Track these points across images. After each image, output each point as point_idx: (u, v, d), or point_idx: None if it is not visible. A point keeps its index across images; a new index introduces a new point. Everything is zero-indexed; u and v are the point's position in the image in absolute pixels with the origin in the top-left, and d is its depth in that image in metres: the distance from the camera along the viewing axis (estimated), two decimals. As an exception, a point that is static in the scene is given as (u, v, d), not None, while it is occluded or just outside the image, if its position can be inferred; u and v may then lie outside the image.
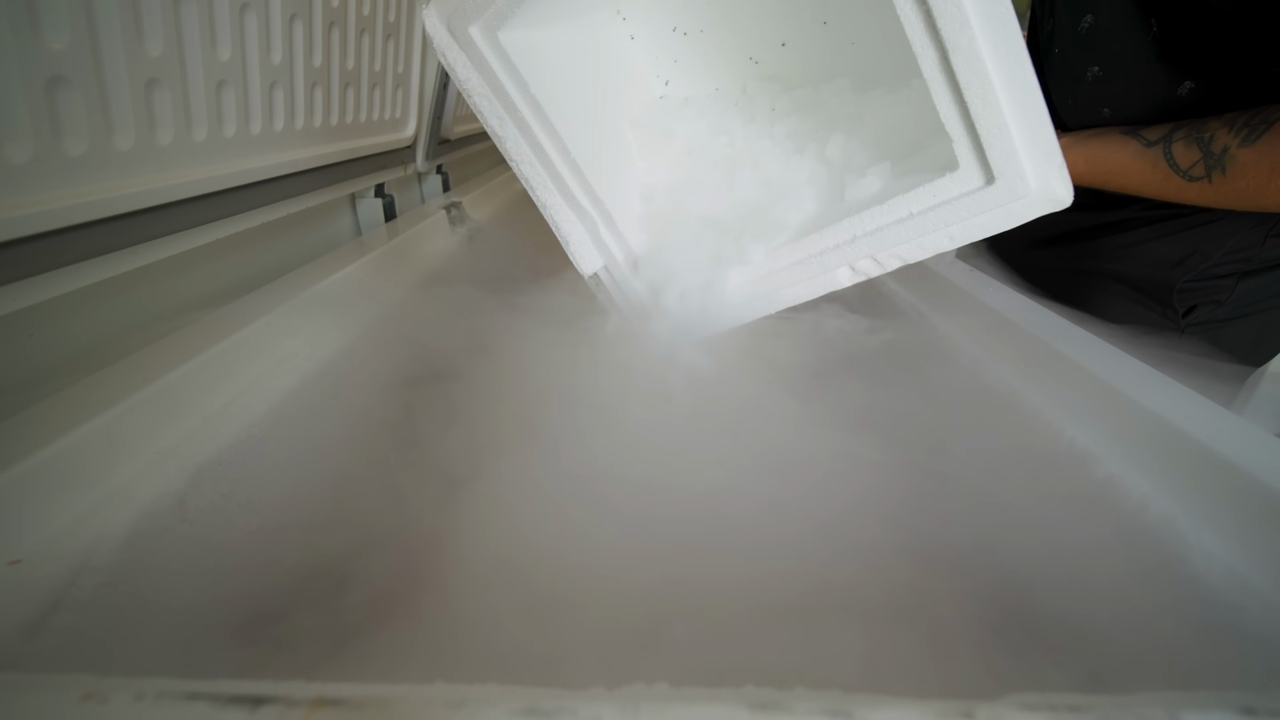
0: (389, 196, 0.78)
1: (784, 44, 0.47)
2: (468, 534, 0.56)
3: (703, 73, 0.50)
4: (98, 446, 0.30)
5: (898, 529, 0.58)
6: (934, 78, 0.33)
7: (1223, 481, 0.30)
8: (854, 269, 0.39)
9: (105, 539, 0.28)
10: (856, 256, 0.39)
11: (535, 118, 0.39)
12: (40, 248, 0.33)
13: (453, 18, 0.38)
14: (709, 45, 0.49)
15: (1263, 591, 0.26)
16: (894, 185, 0.39)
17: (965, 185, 0.35)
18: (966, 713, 0.16)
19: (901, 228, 0.37)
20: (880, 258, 0.38)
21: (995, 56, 0.32)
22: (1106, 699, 0.17)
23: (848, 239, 0.38)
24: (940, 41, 0.32)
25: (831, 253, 0.39)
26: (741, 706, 0.16)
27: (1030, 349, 0.44)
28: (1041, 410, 0.40)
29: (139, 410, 0.32)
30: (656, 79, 0.51)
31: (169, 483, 0.32)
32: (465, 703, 0.16)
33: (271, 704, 0.16)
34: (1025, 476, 0.41)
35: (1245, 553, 0.28)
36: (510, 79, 0.39)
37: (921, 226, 0.37)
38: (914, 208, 0.36)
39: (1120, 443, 0.36)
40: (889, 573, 0.53)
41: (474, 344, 0.80)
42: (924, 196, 0.36)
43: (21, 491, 0.26)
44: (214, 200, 0.46)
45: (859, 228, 0.38)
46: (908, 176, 0.38)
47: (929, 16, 0.32)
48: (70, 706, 0.16)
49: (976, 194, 0.35)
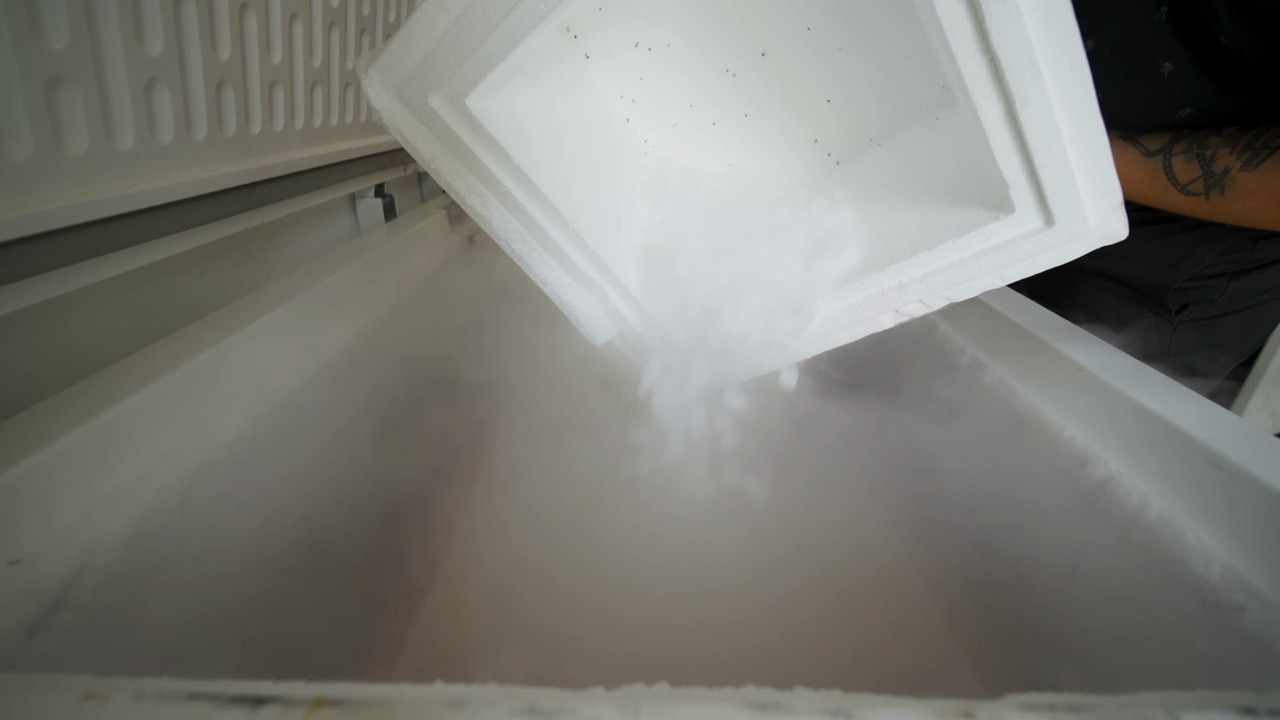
0: (389, 196, 0.78)
1: (763, 54, 0.42)
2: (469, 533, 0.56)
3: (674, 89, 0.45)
4: (98, 446, 0.30)
5: (898, 529, 0.58)
6: (995, 129, 0.31)
7: (1223, 481, 0.30)
8: (899, 312, 0.37)
9: (105, 539, 0.28)
10: (904, 302, 0.36)
11: (523, 191, 0.34)
12: (40, 248, 0.33)
13: (404, 87, 0.32)
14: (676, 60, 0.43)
15: (1263, 591, 0.26)
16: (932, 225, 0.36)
17: (1022, 229, 0.33)
18: (966, 713, 0.16)
19: (952, 272, 0.35)
20: (928, 300, 0.36)
21: (1063, 103, 0.30)
22: (1106, 699, 0.17)
23: (894, 285, 0.36)
24: (1007, 93, 0.29)
25: (876, 300, 0.37)
26: (741, 706, 0.16)
27: (1030, 349, 0.44)
28: (1042, 410, 0.40)
29: (139, 410, 0.32)
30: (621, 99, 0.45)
31: (169, 483, 0.32)
32: (465, 703, 0.16)
33: (271, 704, 0.16)
34: (1025, 476, 0.41)
35: (1245, 553, 0.28)
36: (488, 151, 0.33)
37: (974, 270, 0.35)
38: (965, 252, 0.34)
39: (1120, 443, 0.36)
40: (889, 572, 0.54)
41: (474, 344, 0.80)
42: (976, 241, 0.34)
43: (21, 491, 0.26)
44: (214, 200, 0.46)
45: (906, 274, 0.36)
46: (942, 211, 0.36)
47: (994, 65, 0.29)
48: (70, 706, 0.16)
49: (1034, 236, 0.33)
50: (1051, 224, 0.33)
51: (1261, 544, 0.28)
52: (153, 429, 0.33)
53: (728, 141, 0.46)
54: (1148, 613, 0.31)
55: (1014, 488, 0.42)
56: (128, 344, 0.41)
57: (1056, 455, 0.38)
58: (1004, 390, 0.44)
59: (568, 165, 0.37)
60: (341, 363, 0.48)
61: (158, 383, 0.34)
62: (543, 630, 0.46)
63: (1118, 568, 0.33)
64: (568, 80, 0.41)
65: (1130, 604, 0.32)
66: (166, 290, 0.47)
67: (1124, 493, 0.33)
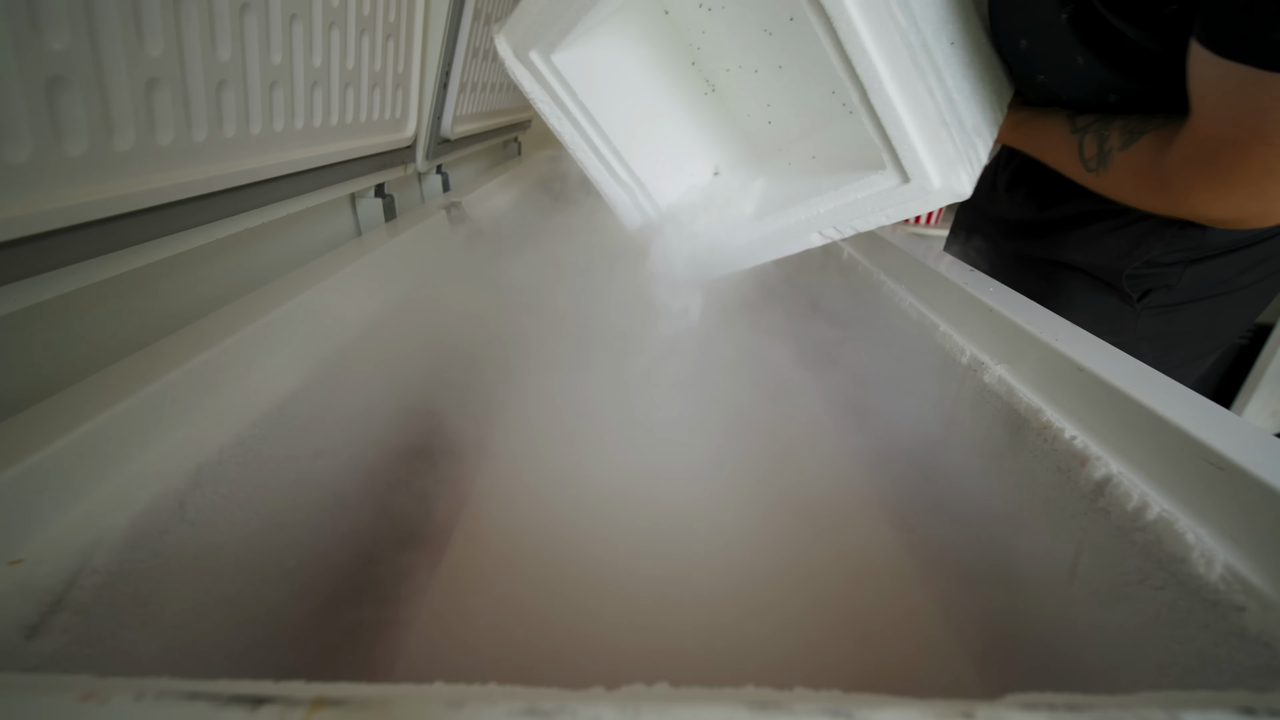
0: (389, 196, 0.78)
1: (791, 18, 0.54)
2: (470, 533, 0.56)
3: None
4: (98, 446, 0.30)
5: (898, 529, 0.58)
6: (860, 109, 0.46)
7: (1223, 481, 0.30)
8: (821, 234, 0.53)
9: (105, 539, 0.28)
10: (822, 226, 0.53)
11: (584, 117, 0.53)
12: (40, 248, 0.33)
13: (517, 46, 0.51)
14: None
15: (1263, 591, 0.26)
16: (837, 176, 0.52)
17: (889, 183, 0.49)
18: (966, 713, 0.16)
19: (850, 209, 0.51)
20: (839, 228, 0.53)
21: (901, 95, 0.44)
22: (1106, 699, 0.17)
23: (815, 215, 0.52)
24: (860, 85, 0.44)
25: (804, 223, 0.53)
26: (741, 706, 0.16)
27: (1030, 349, 0.44)
28: (1042, 410, 0.40)
29: (139, 410, 0.32)
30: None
31: (169, 483, 0.32)
32: (465, 703, 0.16)
33: (271, 704, 0.16)
34: (1025, 476, 0.41)
35: (1245, 553, 0.28)
36: (563, 90, 0.52)
37: (864, 209, 0.51)
38: (856, 195, 0.50)
39: (1120, 443, 0.36)
40: (888, 570, 0.54)
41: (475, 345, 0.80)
42: (862, 188, 0.50)
43: (21, 491, 0.26)
44: (214, 200, 0.46)
45: (821, 207, 0.52)
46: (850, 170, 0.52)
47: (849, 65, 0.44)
48: (70, 706, 0.16)
49: (898, 189, 0.49)
50: (907, 181, 0.48)
51: (1261, 544, 0.28)
52: (153, 429, 0.33)
53: (766, 89, 0.59)
54: (1148, 613, 0.31)
55: (1014, 487, 0.42)
56: (128, 344, 0.41)
57: (1056, 455, 0.38)
58: (1004, 390, 0.44)
59: (622, 102, 0.55)
60: (341, 363, 0.48)
61: (158, 383, 0.34)
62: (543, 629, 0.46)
63: (1118, 568, 0.33)
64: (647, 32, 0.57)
65: (1130, 604, 0.32)
66: (166, 290, 0.47)
67: (1124, 493, 0.33)
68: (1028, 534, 0.41)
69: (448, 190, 0.97)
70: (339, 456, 0.48)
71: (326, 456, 0.46)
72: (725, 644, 0.45)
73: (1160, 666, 0.30)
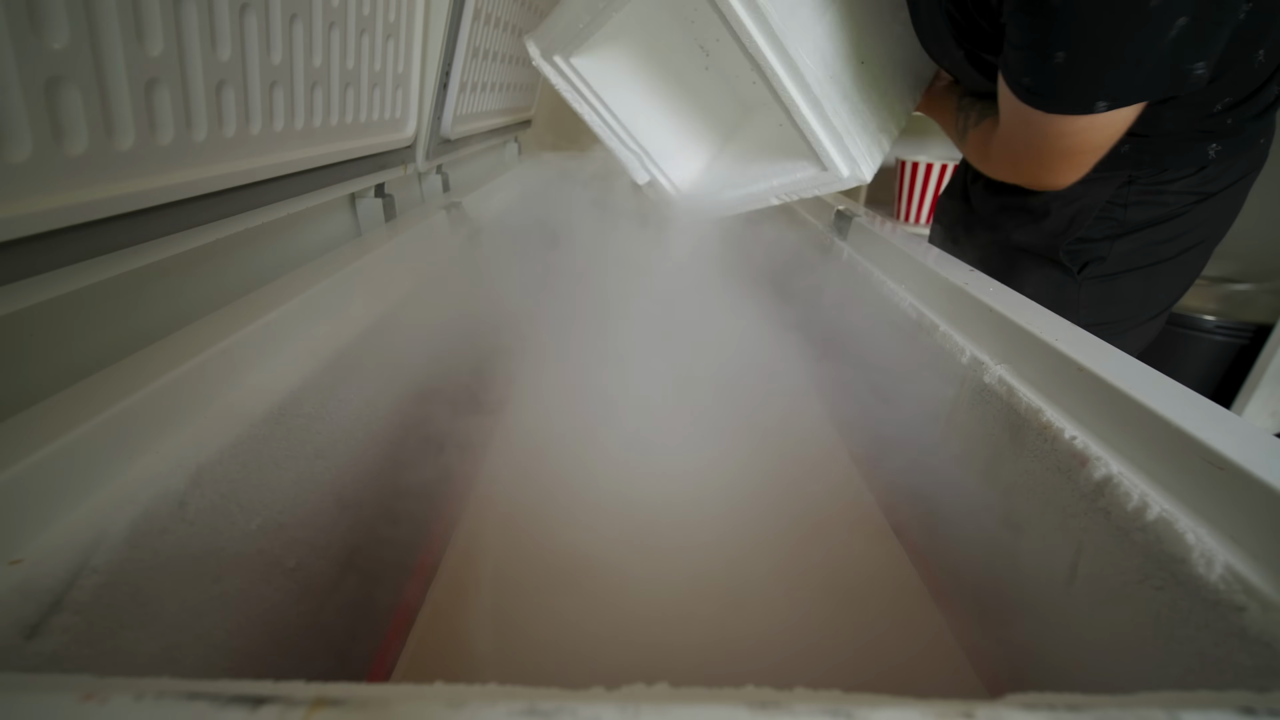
0: (389, 196, 0.78)
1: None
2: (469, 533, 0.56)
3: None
4: (98, 446, 0.30)
5: (898, 529, 0.58)
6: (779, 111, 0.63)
7: (1223, 481, 0.30)
8: (776, 198, 0.73)
9: (105, 539, 0.28)
10: (775, 194, 0.72)
11: (599, 105, 0.74)
12: (40, 248, 0.33)
13: (544, 50, 0.70)
14: None
15: (1263, 591, 0.26)
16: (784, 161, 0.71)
17: (813, 170, 0.68)
18: (966, 713, 0.16)
19: (793, 185, 0.70)
20: (788, 196, 0.72)
21: (806, 104, 0.61)
22: (1106, 699, 0.17)
23: (770, 186, 0.72)
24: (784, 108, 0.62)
25: (764, 189, 0.73)
26: (741, 706, 0.16)
27: (1030, 349, 0.44)
28: (1042, 410, 0.40)
29: (139, 410, 0.32)
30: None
31: (169, 483, 0.32)
32: (465, 703, 0.16)
33: (271, 704, 0.16)
34: (1025, 476, 0.41)
35: (1245, 553, 0.28)
36: (582, 84, 0.72)
37: (802, 186, 0.70)
38: (796, 175, 0.70)
39: (1120, 443, 0.36)
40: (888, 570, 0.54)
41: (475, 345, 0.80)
42: (798, 170, 0.69)
43: (21, 491, 0.26)
44: (214, 200, 0.46)
45: (774, 180, 0.72)
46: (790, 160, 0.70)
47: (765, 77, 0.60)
48: (70, 706, 0.16)
49: (821, 175, 0.67)
50: (824, 170, 0.66)
51: (1261, 544, 0.28)
52: (153, 429, 0.33)
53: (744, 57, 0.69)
54: (1148, 613, 0.31)
55: (1014, 487, 0.42)
56: (128, 344, 0.41)
57: (1056, 455, 0.38)
58: (1004, 390, 0.44)
59: (633, 94, 0.75)
60: (341, 363, 0.48)
61: (158, 383, 0.34)
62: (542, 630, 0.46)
63: (1118, 568, 0.33)
64: (664, 35, 0.75)
65: (1130, 604, 0.32)
66: (166, 290, 0.47)
67: (1124, 493, 0.33)
68: (1028, 534, 0.41)
69: (448, 190, 0.97)
70: (339, 456, 0.48)
71: (326, 456, 0.46)
72: (725, 644, 0.45)
73: (1160, 666, 0.30)
